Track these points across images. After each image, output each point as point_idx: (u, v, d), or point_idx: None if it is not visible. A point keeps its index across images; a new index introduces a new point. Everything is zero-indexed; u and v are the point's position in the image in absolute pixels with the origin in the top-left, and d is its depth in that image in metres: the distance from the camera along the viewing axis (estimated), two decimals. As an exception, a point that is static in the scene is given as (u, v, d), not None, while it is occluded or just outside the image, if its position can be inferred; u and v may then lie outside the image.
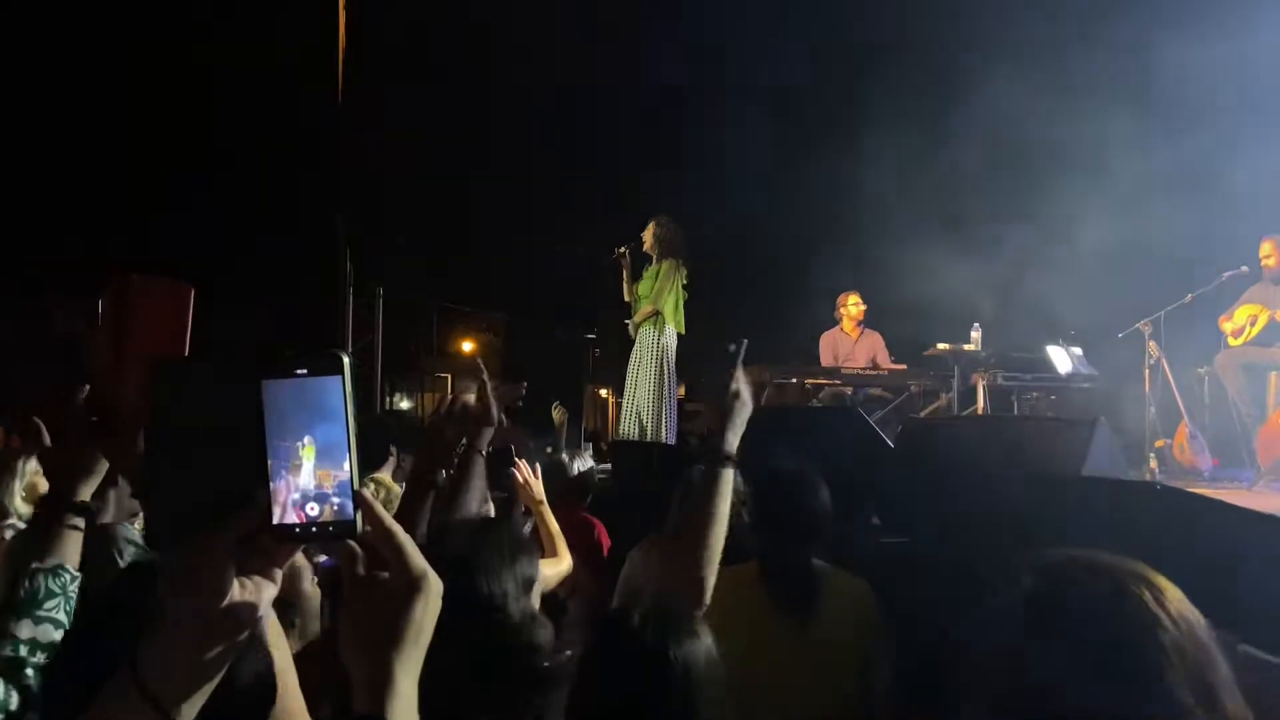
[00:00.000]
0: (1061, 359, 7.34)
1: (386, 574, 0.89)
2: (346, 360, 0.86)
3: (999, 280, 8.80)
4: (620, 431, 7.25)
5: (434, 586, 0.90)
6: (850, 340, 8.23)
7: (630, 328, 7.28)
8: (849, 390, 7.55)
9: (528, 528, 3.10)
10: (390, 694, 0.86)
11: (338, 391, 0.86)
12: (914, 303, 8.51)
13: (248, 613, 0.85)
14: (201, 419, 0.87)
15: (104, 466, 1.81)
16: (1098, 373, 7.62)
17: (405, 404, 16.96)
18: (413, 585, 0.89)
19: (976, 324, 7.47)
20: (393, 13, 10.08)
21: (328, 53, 9.54)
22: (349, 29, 9.56)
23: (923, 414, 7.34)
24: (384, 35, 10.00)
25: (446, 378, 15.02)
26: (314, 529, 0.86)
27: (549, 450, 5.87)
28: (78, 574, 1.72)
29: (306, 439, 0.85)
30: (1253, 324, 6.50)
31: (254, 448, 0.85)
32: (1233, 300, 6.73)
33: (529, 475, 3.18)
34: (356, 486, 0.87)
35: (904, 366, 8.00)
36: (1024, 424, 5.01)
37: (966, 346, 7.34)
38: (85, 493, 1.79)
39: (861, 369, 7.79)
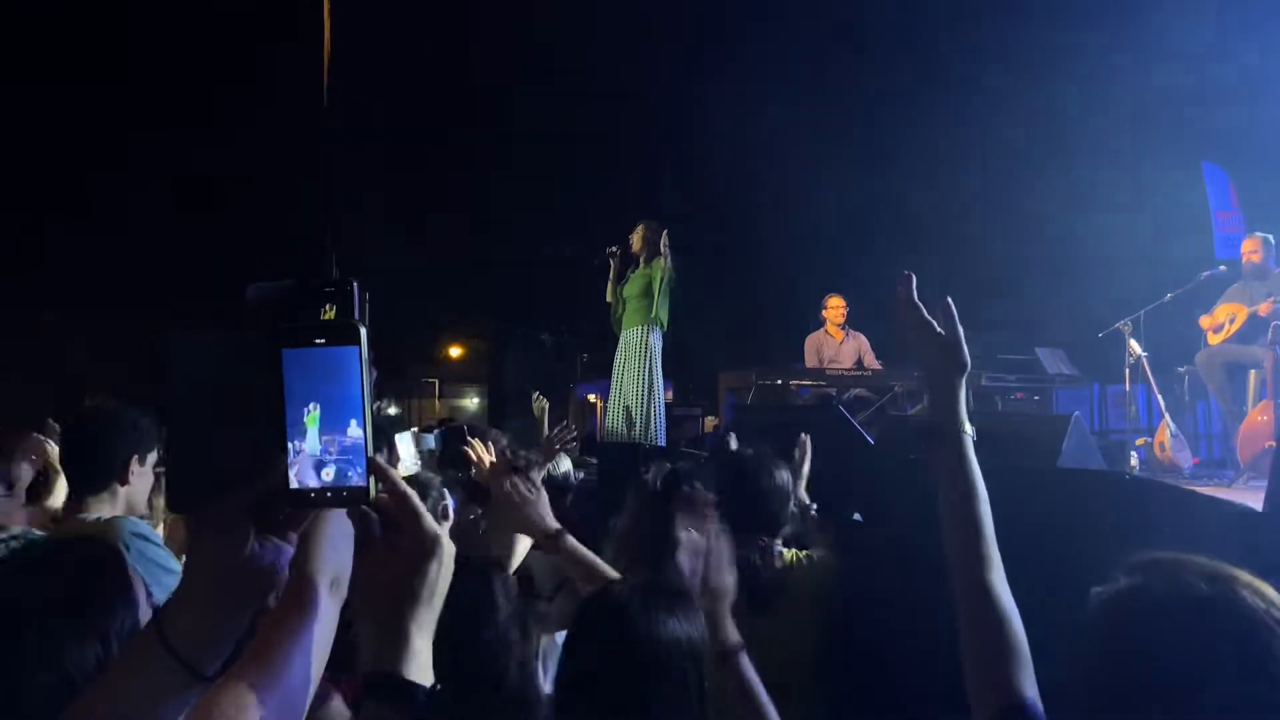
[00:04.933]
0: (1050, 360, 7.44)
1: (400, 537, 0.93)
2: (363, 331, 0.89)
3: (984, 281, 8.89)
4: (607, 428, 7.27)
5: (447, 549, 0.95)
6: (835, 342, 8.27)
7: (614, 326, 7.31)
8: (833, 391, 7.60)
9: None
10: (406, 652, 0.91)
11: (354, 361, 0.89)
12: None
13: (267, 574, 0.90)
14: (219, 388, 0.91)
15: None
16: (1080, 373, 7.71)
17: (393, 410, 16.97)
18: (427, 547, 0.93)
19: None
20: (374, 23, 10.10)
21: (313, 65, 9.56)
22: (333, 42, 9.58)
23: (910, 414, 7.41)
24: (367, 45, 10.02)
25: (434, 383, 15.02)
26: (329, 494, 0.89)
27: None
28: None
29: (316, 406, 0.89)
30: (1232, 321, 6.56)
31: (271, 416, 0.88)
32: (1213, 299, 6.80)
33: (482, 452, 3.18)
34: (370, 453, 0.90)
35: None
36: (1000, 419, 5.07)
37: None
38: None
39: (846, 370, 7.85)
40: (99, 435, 2.61)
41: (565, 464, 6.04)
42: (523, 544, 2.81)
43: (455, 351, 15.73)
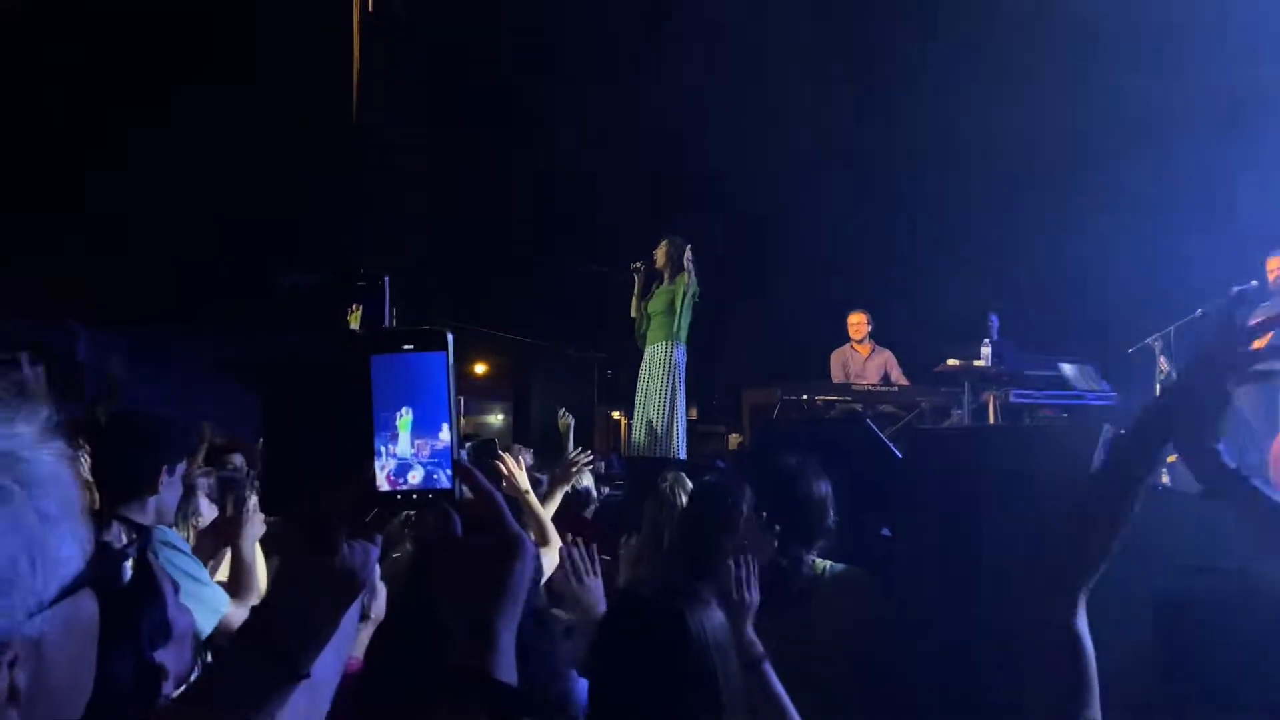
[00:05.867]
0: (1075, 376, 7.33)
1: (482, 537, 0.95)
2: (450, 338, 0.93)
3: (1010, 296, 8.82)
4: (632, 443, 7.29)
5: (529, 548, 0.97)
6: (861, 357, 8.24)
7: (639, 341, 7.34)
8: (859, 407, 7.55)
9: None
10: (492, 649, 0.92)
11: (441, 366, 0.92)
12: (925, 318, 8.54)
13: (356, 574, 0.93)
14: (311, 393, 0.95)
15: None
16: (1111, 389, 7.60)
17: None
18: (511, 547, 0.95)
19: (987, 340, 7.47)
20: (402, 37, 10.21)
21: (342, 85, 9.67)
22: (361, 61, 9.68)
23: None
24: (393, 62, 10.12)
25: (459, 399, 15.03)
26: (414, 495, 0.92)
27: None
28: None
29: (406, 410, 0.92)
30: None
31: (360, 420, 0.91)
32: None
33: (513, 466, 3.22)
34: (456, 455, 0.93)
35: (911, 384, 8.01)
36: (1030, 431, 5.01)
37: (977, 362, 7.34)
38: None
39: (873, 385, 7.80)
40: (129, 446, 2.63)
41: (586, 479, 6.09)
42: (549, 558, 2.82)
43: (480, 368, 15.77)
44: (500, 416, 16.31)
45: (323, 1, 9.94)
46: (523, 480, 3.21)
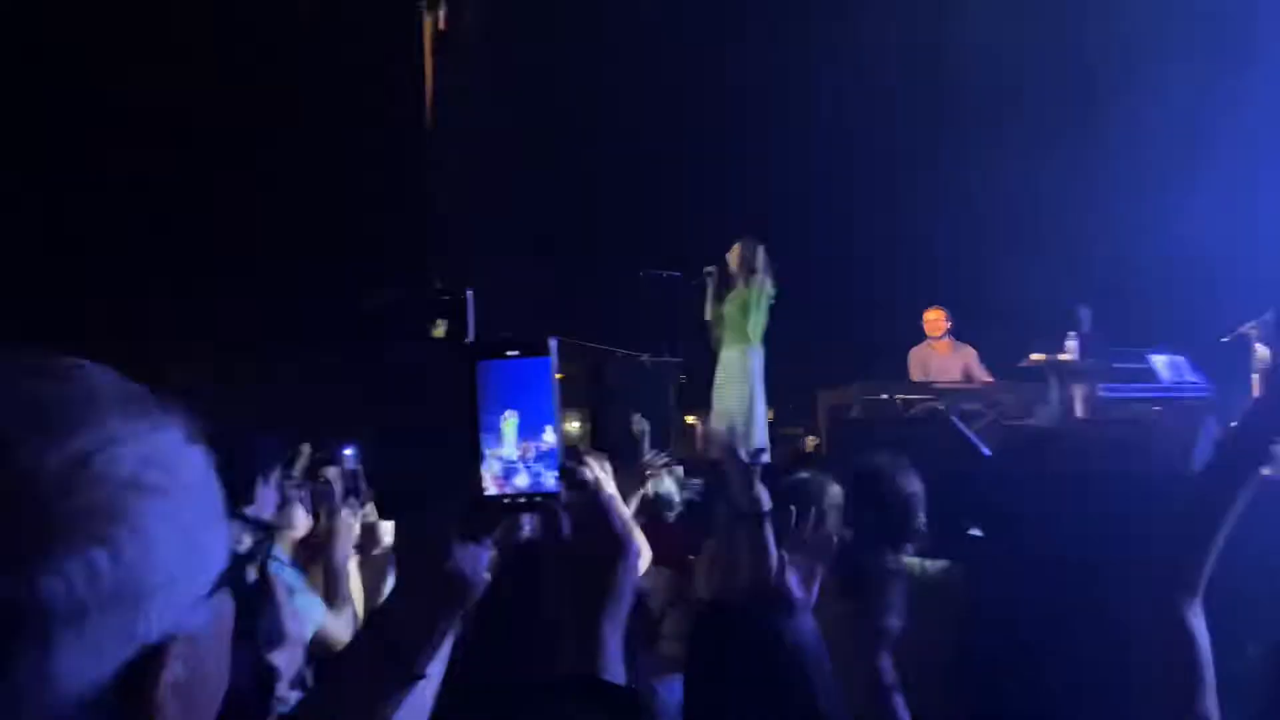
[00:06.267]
0: (1167, 368, 7.06)
1: (589, 539, 0.97)
2: (554, 343, 0.95)
3: (1096, 287, 8.57)
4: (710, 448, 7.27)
5: (635, 549, 0.98)
6: (940, 355, 8.08)
7: (714, 345, 7.33)
8: (941, 405, 7.41)
9: None
10: (603, 654, 0.93)
11: (545, 371, 0.95)
12: (1006, 312, 8.34)
13: (470, 576, 0.95)
14: (422, 401, 0.98)
15: None
16: (1206, 381, 7.31)
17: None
18: (618, 548, 0.96)
19: (1073, 333, 7.27)
20: (479, 44, 10.35)
21: (415, 104, 9.84)
22: (434, 66, 9.82)
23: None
24: (465, 75, 10.27)
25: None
26: (521, 498, 0.95)
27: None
28: None
29: (511, 414, 0.94)
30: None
31: (468, 426, 0.94)
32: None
33: (599, 471, 3.22)
34: (561, 458, 0.95)
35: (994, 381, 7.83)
36: (1123, 426, 4.87)
37: (1063, 356, 7.15)
38: None
39: (954, 383, 7.65)
40: (224, 460, 2.71)
41: (667, 483, 6.11)
42: (642, 562, 2.83)
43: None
44: (575, 424, 16.40)
45: (391, 22, 10.14)
46: (609, 484, 3.22)
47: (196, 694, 0.63)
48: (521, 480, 0.94)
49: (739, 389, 7.04)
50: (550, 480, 0.94)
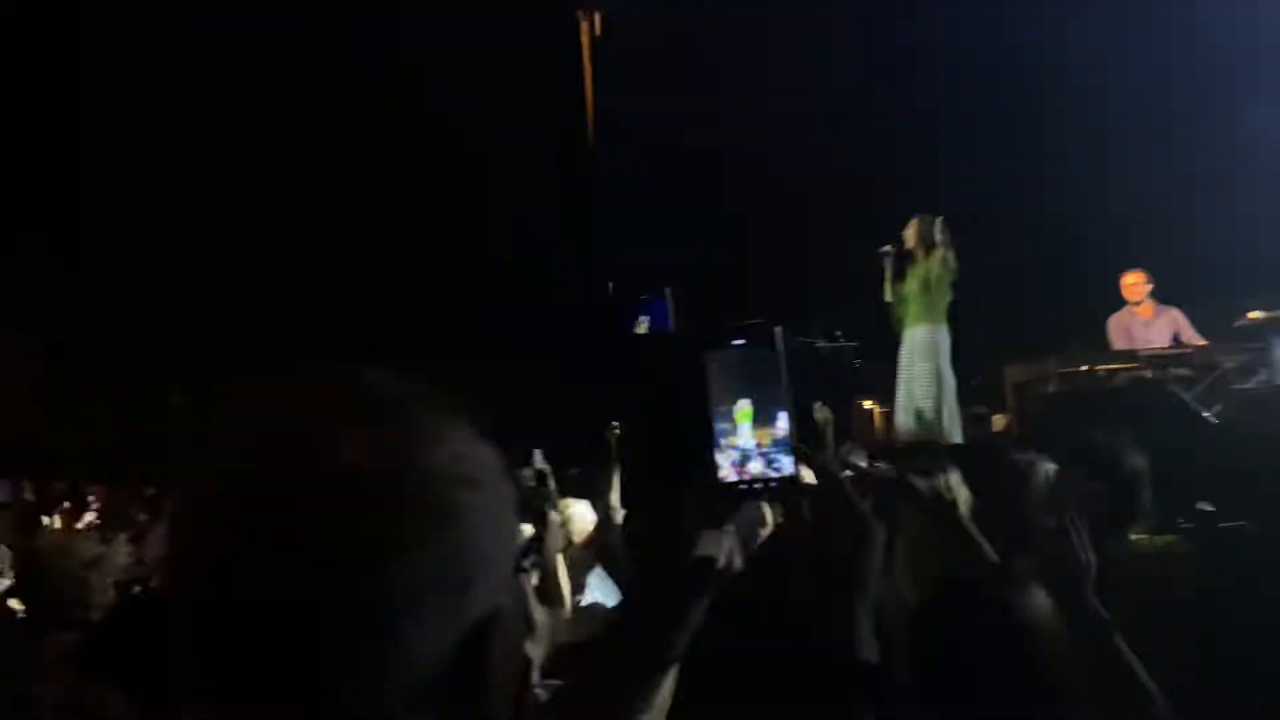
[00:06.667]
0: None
1: (831, 523, 1.00)
2: (778, 330, 0.97)
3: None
4: (898, 430, 7.08)
5: (879, 533, 0.98)
6: (1143, 321, 7.57)
7: (896, 326, 7.14)
8: (1149, 374, 6.93)
9: None
10: (855, 631, 0.95)
11: (772, 358, 0.96)
12: (1214, 269, 7.72)
13: (714, 560, 0.97)
14: (659, 395, 1.03)
15: None
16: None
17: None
18: (860, 531, 0.99)
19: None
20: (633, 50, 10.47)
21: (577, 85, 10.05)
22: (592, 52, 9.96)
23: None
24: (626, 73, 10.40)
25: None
26: (757, 484, 0.96)
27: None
28: None
29: (744, 402, 0.96)
30: None
31: (702, 415, 0.96)
32: None
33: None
34: (797, 444, 0.96)
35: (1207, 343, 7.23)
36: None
37: (1286, 313, 6.55)
38: None
39: (1163, 349, 7.13)
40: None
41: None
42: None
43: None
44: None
45: (552, 33, 10.41)
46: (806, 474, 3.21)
47: (508, 667, 0.69)
48: (756, 466, 0.95)
49: (926, 368, 6.83)
50: (786, 464, 0.94)
